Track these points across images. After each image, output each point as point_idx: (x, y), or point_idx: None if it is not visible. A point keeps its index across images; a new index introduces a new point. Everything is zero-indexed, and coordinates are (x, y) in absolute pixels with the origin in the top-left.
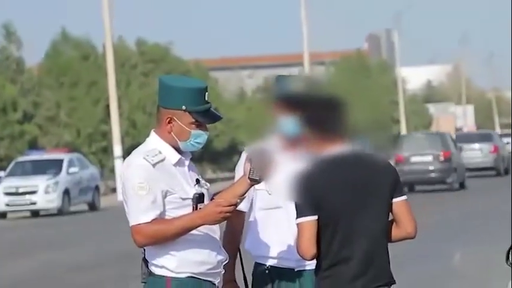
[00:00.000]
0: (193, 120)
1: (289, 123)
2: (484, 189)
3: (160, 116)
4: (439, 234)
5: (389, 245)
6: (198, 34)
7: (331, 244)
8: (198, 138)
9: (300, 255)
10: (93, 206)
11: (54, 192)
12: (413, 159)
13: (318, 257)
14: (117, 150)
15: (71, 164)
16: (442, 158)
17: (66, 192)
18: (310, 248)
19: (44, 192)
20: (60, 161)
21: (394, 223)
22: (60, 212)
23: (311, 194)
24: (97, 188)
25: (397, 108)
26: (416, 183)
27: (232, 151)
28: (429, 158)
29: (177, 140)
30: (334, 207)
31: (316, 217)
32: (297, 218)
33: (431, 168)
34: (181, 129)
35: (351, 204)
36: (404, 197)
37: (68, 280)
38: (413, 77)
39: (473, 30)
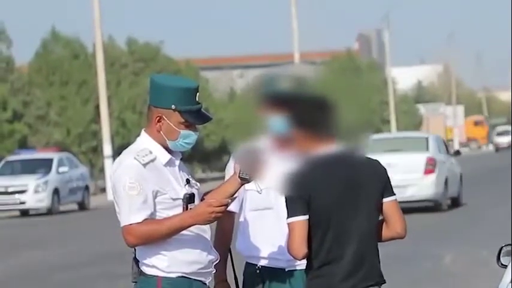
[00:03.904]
0: (183, 120)
1: (277, 122)
2: None
3: (151, 114)
4: None
5: (383, 244)
6: (189, 33)
7: (322, 244)
8: (187, 138)
9: (291, 254)
10: (82, 206)
11: (43, 192)
12: None
13: (308, 256)
14: (107, 149)
15: (60, 163)
16: None
17: (56, 191)
18: (301, 247)
19: (34, 192)
20: (50, 161)
21: (384, 223)
22: (50, 211)
23: (302, 194)
24: (87, 187)
25: (387, 108)
26: None
27: (223, 151)
28: None
29: (166, 139)
30: (324, 207)
31: (307, 217)
32: (288, 217)
33: None
34: (170, 129)
35: (341, 204)
36: (394, 197)
37: (54, 279)
38: (404, 77)
39: (462, 30)
